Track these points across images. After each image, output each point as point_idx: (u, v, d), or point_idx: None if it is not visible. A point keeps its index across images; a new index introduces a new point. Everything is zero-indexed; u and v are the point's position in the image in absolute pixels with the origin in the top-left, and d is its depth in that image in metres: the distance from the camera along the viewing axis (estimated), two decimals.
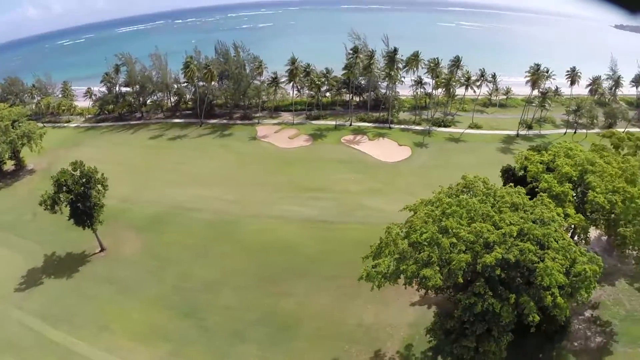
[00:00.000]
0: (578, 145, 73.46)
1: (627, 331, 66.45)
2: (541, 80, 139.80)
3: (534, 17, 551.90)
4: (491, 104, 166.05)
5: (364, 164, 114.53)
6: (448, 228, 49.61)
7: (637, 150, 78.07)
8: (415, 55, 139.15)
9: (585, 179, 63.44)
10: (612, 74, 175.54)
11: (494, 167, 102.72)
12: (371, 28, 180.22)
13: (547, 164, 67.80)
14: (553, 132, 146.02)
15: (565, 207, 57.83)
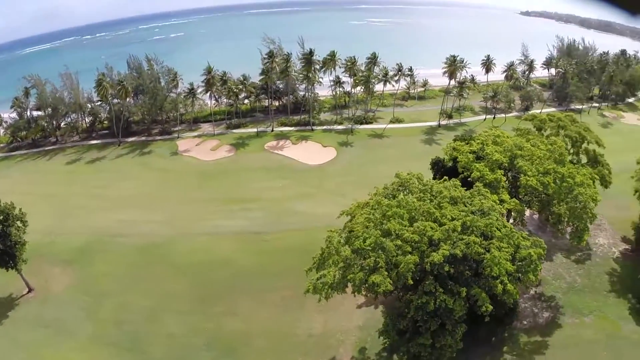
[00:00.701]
0: (505, 132, 76.59)
1: (571, 303, 71.39)
2: (458, 70, 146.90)
3: (441, 10, 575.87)
4: (410, 97, 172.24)
5: (290, 169, 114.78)
6: (391, 230, 49.60)
7: (559, 130, 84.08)
8: (331, 55, 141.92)
9: (516, 164, 65.97)
10: (525, 58, 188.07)
11: (420, 160, 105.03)
12: (284, 31, 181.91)
13: (476, 153, 69.85)
14: (473, 119, 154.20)
15: (500, 193, 60.09)
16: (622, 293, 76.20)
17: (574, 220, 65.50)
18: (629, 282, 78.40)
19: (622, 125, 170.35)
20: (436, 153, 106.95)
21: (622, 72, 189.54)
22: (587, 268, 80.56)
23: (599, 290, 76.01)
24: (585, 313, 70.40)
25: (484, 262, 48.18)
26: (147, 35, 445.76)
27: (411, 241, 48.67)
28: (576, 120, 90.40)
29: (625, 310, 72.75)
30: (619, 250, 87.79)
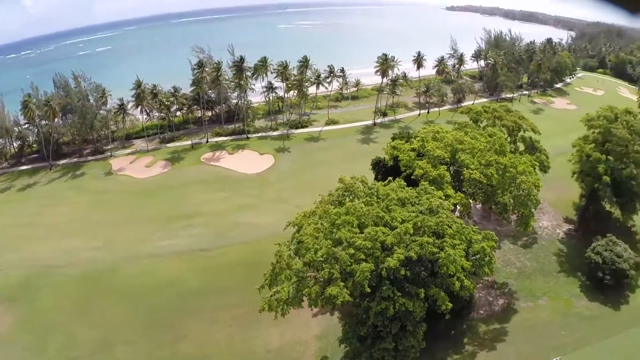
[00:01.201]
0: (444, 127, 77.74)
1: (523, 287, 73.53)
2: (390, 68, 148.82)
3: (369, 9, 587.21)
4: (343, 98, 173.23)
5: (228, 180, 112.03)
6: (342, 239, 48.75)
7: (496, 121, 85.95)
8: (262, 61, 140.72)
9: (458, 158, 66.88)
10: (454, 52, 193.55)
11: (360, 160, 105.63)
12: (214, 39, 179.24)
13: (417, 151, 70.24)
14: (407, 115, 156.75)
15: (444, 188, 60.68)
16: (571, 272, 79.34)
17: (519, 207, 67.29)
18: (576, 261, 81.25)
19: (553, 110, 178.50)
20: (374, 152, 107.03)
21: (549, 60, 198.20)
22: (534, 252, 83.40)
23: (549, 272, 78.86)
24: (539, 295, 72.69)
25: (439, 262, 48.35)
26: (72, 51, 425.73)
27: (364, 248, 48.10)
28: (511, 110, 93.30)
29: (576, 288, 75.77)
30: (563, 231, 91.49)
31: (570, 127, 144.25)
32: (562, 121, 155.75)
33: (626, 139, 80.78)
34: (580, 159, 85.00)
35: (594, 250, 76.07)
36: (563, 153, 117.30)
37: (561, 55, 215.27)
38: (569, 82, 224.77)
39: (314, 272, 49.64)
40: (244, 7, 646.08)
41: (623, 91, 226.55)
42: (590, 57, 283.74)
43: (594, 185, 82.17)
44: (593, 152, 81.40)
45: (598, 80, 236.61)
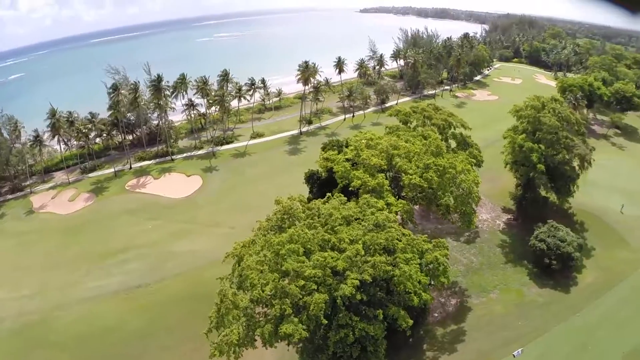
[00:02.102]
0: (376, 133, 76.21)
1: (473, 283, 74.18)
2: (311, 76, 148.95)
3: (286, 17, 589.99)
4: (267, 109, 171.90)
5: (157, 207, 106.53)
6: (290, 271, 46.21)
7: (426, 120, 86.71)
8: (181, 78, 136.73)
9: (395, 164, 66.18)
10: (374, 54, 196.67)
11: (291, 173, 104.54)
12: (129, 58, 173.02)
13: (352, 160, 68.66)
14: (333, 120, 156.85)
15: (385, 197, 59.47)
16: (517, 262, 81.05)
17: (461, 207, 67.35)
18: (521, 250, 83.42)
19: (475, 102, 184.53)
20: (304, 163, 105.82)
21: (467, 54, 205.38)
22: (479, 246, 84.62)
23: (496, 265, 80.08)
24: (490, 289, 73.55)
25: (394, 279, 47.06)
26: None
27: (314, 277, 45.64)
28: (439, 108, 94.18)
29: (525, 277, 77.48)
30: (503, 222, 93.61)
31: (495, 118, 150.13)
32: (486, 112, 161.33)
33: (555, 126, 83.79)
34: (513, 150, 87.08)
35: (537, 237, 77.94)
36: (492, 144, 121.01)
37: (478, 49, 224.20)
38: (487, 74, 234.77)
39: (264, 308, 47.11)
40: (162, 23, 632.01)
41: (540, 78, 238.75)
42: (505, 48, 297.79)
43: (530, 174, 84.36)
44: (525, 142, 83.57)
45: (515, 70, 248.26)
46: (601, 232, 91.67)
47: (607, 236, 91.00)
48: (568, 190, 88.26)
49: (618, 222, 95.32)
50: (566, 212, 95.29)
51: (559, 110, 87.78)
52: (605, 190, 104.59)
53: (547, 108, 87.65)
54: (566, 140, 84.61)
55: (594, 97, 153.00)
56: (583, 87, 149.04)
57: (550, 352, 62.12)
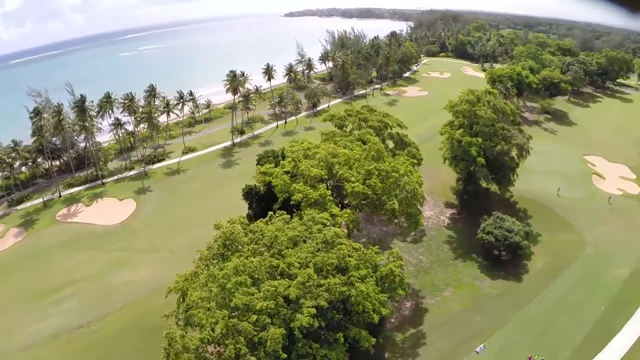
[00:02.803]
0: (313, 142, 74.14)
1: (425, 283, 74.02)
2: (240, 85, 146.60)
3: (210, 26, 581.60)
4: (197, 122, 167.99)
5: (92, 236, 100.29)
6: (240, 306, 43.27)
7: (361, 123, 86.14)
8: (107, 96, 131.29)
9: (336, 173, 64.23)
10: (302, 57, 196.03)
11: (227, 188, 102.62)
12: (52, 77, 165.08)
13: (290, 172, 66.36)
14: (265, 128, 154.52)
15: (329, 208, 57.81)
16: (466, 256, 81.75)
17: (407, 209, 66.33)
18: (468, 244, 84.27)
19: (406, 99, 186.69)
20: (239, 176, 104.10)
21: (395, 52, 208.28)
22: (426, 244, 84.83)
23: (446, 261, 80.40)
24: (443, 288, 73.55)
25: (351, 299, 45.41)
26: None
27: (267, 309, 42.90)
28: (374, 110, 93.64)
29: (476, 271, 78.19)
30: (447, 217, 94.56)
31: (427, 113, 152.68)
32: (418, 108, 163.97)
33: (492, 118, 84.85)
34: (452, 146, 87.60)
35: (484, 230, 78.85)
36: (427, 139, 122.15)
37: (406, 46, 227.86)
38: (416, 70, 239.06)
39: (217, 347, 44.34)
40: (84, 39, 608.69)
41: (467, 70, 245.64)
42: (431, 43, 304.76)
43: (470, 168, 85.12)
44: (463, 137, 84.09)
45: (443, 64, 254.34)
46: (544, 217, 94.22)
47: (551, 220, 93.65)
48: (509, 180, 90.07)
49: (558, 206, 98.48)
50: (508, 201, 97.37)
51: (493, 103, 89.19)
52: (542, 176, 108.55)
53: (482, 101, 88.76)
54: (503, 132, 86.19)
55: (523, 86, 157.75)
56: (512, 76, 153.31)
57: (512, 344, 62.65)
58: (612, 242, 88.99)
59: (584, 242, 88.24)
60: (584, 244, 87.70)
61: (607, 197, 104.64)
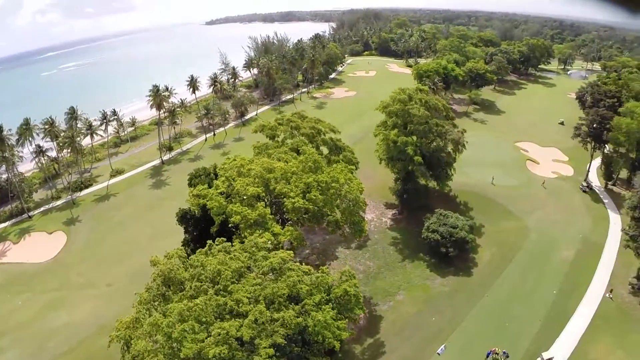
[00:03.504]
0: (246, 157, 70.84)
1: (376, 289, 72.90)
2: (164, 100, 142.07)
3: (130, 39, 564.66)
4: (122, 142, 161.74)
5: (24, 277, 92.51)
6: (190, 356, 39.73)
7: (294, 132, 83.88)
8: (26, 123, 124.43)
9: (273, 190, 61.74)
10: (226, 66, 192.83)
11: (159, 210, 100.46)
12: None
13: (225, 193, 63.07)
14: (194, 142, 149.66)
15: (270, 227, 55.54)
16: (414, 256, 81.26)
17: (349, 217, 64.82)
18: (414, 243, 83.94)
19: (335, 101, 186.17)
20: (172, 196, 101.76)
21: (320, 54, 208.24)
22: (372, 249, 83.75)
23: (394, 264, 79.65)
24: (395, 292, 72.64)
25: (309, 329, 43.40)
26: None
27: (220, 355, 39.61)
28: (305, 116, 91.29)
29: (425, 271, 77.80)
30: (389, 218, 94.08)
31: (357, 113, 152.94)
32: (347, 109, 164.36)
33: (425, 115, 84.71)
34: (388, 147, 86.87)
35: (429, 229, 78.65)
36: (360, 140, 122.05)
37: (330, 47, 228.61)
38: (341, 70, 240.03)
39: None
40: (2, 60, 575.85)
41: (392, 67, 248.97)
42: (355, 42, 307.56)
43: (408, 167, 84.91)
44: (399, 137, 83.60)
45: (370, 63, 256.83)
46: (485, 208, 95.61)
47: (492, 210, 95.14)
48: (447, 175, 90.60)
49: (497, 195, 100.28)
50: (448, 195, 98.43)
51: (425, 100, 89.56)
52: (478, 167, 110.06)
53: (414, 99, 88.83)
54: (438, 128, 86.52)
55: (450, 79, 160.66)
56: (438, 71, 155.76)
57: (472, 340, 62.76)
58: (553, 225, 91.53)
59: (526, 228, 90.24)
60: (527, 230, 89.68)
61: (542, 181, 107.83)
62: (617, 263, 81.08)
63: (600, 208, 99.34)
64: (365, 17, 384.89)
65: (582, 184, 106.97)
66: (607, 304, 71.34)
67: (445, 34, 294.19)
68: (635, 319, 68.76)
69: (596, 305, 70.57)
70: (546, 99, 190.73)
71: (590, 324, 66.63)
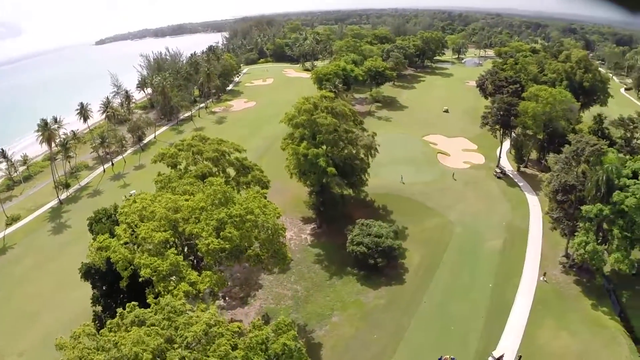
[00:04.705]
0: (147, 196, 62.10)
1: (309, 314, 68.42)
2: (55, 135, 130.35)
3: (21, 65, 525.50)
4: (15, 183, 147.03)
5: None
6: None
7: (196, 157, 75.42)
8: None
9: (183, 231, 55.16)
10: (118, 88, 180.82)
11: (64, 257, 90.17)
12: None
13: (131, 242, 55.28)
14: (92, 175, 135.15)
15: (186, 276, 49.58)
16: (341, 272, 77.07)
17: (270, 247, 58.81)
18: (338, 257, 79.79)
19: (235, 113, 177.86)
20: (74, 240, 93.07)
21: (215, 67, 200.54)
22: (296, 270, 78.10)
23: (322, 284, 75.03)
24: (328, 314, 68.29)
25: None
26: None
27: None
28: (206, 137, 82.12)
29: (356, 285, 73.97)
30: (309, 234, 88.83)
31: (259, 124, 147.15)
32: (249, 121, 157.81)
33: (333, 123, 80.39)
34: (298, 161, 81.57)
35: (353, 242, 75.14)
36: (265, 152, 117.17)
37: (225, 59, 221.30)
38: (238, 81, 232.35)
39: None
40: None
41: (290, 72, 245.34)
42: (249, 51, 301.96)
43: (322, 179, 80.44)
44: (309, 150, 78.87)
45: (267, 70, 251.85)
46: (405, 208, 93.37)
47: (411, 210, 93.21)
48: (361, 181, 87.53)
49: (415, 193, 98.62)
50: (365, 201, 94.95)
51: (332, 107, 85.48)
52: (390, 167, 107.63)
53: (320, 107, 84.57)
54: (348, 135, 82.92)
55: (350, 80, 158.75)
56: (338, 73, 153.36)
57: (419, 351, 60.59)
58: (475, 216, 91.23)
59: (450, 223, 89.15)
60: (450, 225, 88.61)
61: (452, 173, 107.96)
62: (544, 244, 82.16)
63: (517, 192, 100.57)
64: (258, 24, 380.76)
65: (495, 171, 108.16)
66: (543, 287, 72.02)
67: (340, 35, 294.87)
68: (571, 297, 70.23)
69: (533, 291, 71.07)
70: (446, 89, 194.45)
71: (531, 311, 66.92)
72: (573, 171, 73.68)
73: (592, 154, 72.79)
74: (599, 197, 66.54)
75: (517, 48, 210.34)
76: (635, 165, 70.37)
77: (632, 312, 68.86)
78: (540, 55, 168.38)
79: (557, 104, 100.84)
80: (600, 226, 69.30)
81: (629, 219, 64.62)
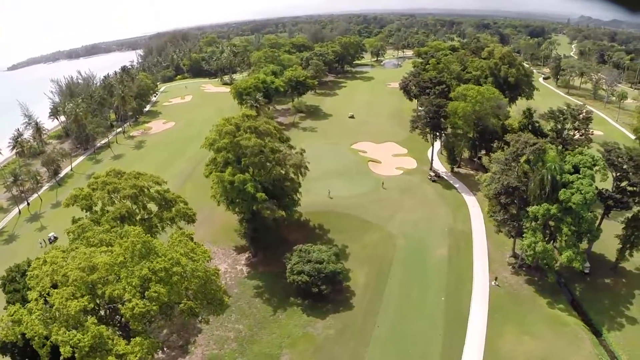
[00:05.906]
0: (58, 253, 52.21)
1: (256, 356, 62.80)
2: None
3: None
4: None
5: None
6: None
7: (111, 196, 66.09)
8: None
9: (101, 292, 46.92)
10: (29, 119, 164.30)
11: None
12: None
13: (45, 313, 45.75)
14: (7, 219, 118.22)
15: (112, 347, 42.70)
16: (285, 304, 71.25)
17: (205, 298, 52.53)
18: (279, 287, 73.83)
19: (154, 137, 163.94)
20: None
21: (130, 88, 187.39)
22: (237, 307, 70.71)
23: (265, 320, 68.74)
24: (278, 353, 62.69)
25: None
26: None
27: None
28: (122, 172, 72.20)
29: (302, 316, 68.69)
30: (244, 265, 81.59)
31: (180, 146, 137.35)
32: (169, 143, 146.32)
33: (258, 144, 73.23)
34: (224, 189, 74.19)
35: (293, 271, 69.71)
36: (189, 177, 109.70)
37: (140, 78, 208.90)
38: (156, 101, 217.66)
39: None
40: None
41: (208, 88, 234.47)
42: (165, 68, 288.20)
43: (253, 207, 73.36)
44: (235, 177, 71.82)
45: (187, 87, 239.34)
46: (341, 224, 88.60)
47: (349, 226, 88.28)
48: (294, 201, 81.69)
49: (350, 207, 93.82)
50: (300, 221, 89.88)
51: (255, 127, 78.12)
52: (321, 182, 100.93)
53: (243, 128, 77.19)
54: (275, 155, 76.16)
55: (271, 92, 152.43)
56: (258, 86, 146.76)
57: None
58: (416, 225, 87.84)
59: (391, 236, 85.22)
60: (392, 237, 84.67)
61: (382, 182, 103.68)
62: (490, 246, 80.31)
63: (454, 194, 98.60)
64: (173, 40, 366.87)
65: (429, 174, 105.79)
66: (497, 292, 70.08)
67: (257, 45, 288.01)
68: (526, 298, 68.93)
69: (487, 298, 69.06)
70: (368, 93, 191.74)
71: (489, 319, 64.96)
72: (513, 172, 71.37)
73: (532, 154, 70.07)
74: (543, 196, 65.23)
75: (437, 47, 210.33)
76: (574, 159, 69.31)
77: (587, 305, 68.71)
78: (461, 53, 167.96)
79: (486, 102, 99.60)
80: (546, 224, 68.24)
81: (576, 215, 63.88)
